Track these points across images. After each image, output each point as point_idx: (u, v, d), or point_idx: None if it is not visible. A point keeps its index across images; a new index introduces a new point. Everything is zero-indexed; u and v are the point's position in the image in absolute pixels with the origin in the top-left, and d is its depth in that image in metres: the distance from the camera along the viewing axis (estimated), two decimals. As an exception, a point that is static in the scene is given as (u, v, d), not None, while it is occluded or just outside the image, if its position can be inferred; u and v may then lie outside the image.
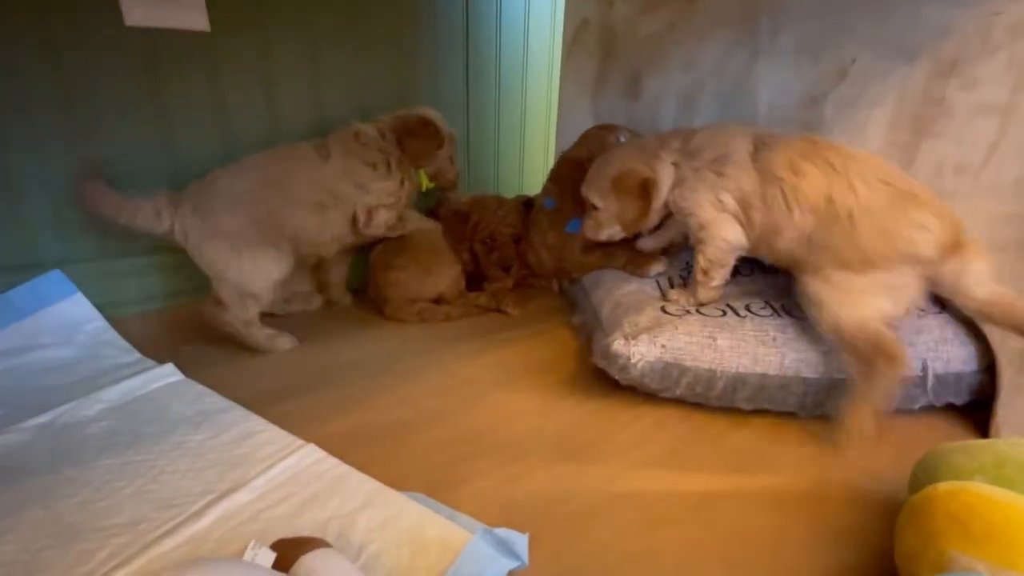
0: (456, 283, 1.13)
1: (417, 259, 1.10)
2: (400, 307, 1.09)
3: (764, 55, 0.92)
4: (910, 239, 0.68)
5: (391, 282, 1.10)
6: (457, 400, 0.81)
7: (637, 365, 0.72)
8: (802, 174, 0.72)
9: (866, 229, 0.68)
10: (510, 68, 1.46)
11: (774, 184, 0.74)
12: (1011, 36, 0.67)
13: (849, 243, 0.69)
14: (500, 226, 1.18)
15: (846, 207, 0.69)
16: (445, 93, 1.36)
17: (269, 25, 1.05)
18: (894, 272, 0.69)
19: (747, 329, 0.75)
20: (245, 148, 1.07)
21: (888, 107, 0.79)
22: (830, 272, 0.71)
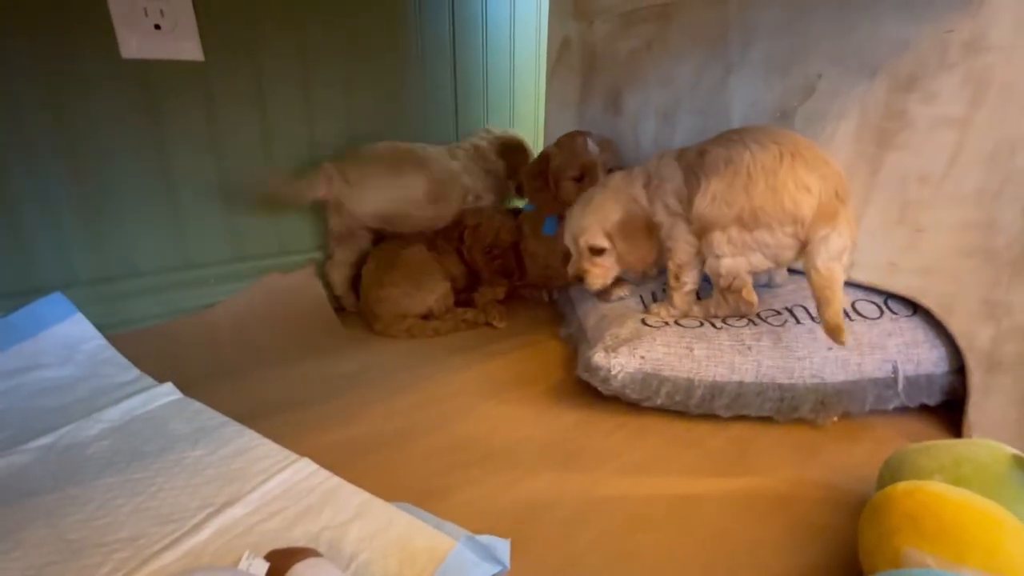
0: (444, 299, 1.16)
1: (407, 276, 1.13)
2: (390, 323, 1.11)
3: (736, 71, 0.96)
4: (794, 199, 0.73)
5: (381, 298, 1.12)
6: (447, 412, 0.84)
7: (618, 376, 0.75)
8: (708, 152, 0.81)
9: (760, 184, 0.75)
10: (497, 86, 1.50)
11: (690, 171, 0.84)
12: (965, 52, 0.71)
13: (747, 196, 0.75)
14: (501, 233, 1.21)
15: (744, 165, 0.76)
16: (435, 113, 1.39)
17: (260, 52, 1.08)
18: (776, 232, 0.75)
19: (723, 339, 0.78)
20: (239, 177, 1.11)
21: (854, 120, 0.82)
22: (732, 230, 0.78)
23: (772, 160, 0.75)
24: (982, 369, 0.76)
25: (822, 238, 0.72)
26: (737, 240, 0.78)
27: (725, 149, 0.80)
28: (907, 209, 0.79)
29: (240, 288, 1.15)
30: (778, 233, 0.75)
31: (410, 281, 1.13)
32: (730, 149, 0.79)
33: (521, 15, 1.49)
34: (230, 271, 1.14)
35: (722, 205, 0.78)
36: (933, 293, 0.79)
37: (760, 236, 0.77)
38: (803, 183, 0.73)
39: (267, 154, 1.14)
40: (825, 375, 0.77)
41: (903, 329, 0.80)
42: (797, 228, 0.74)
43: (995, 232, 0.72)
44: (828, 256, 0.72)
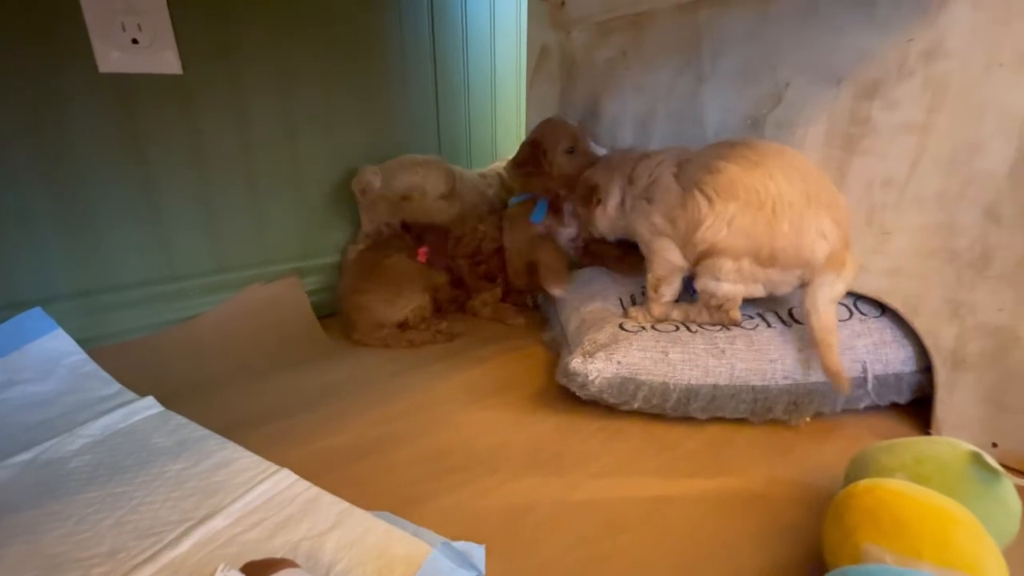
0: (421, 311, 1.16)
1: (386, 284, 1.14)
2: (367, 332, 1.11)
3: (708, 80, 0.98)
4: (812, 246, 0.73)
5: (359, 306, 1.13)
6: (430, 419, 0.85)
7: (595, 382, 0.76)
8: (718, 171, 0.78)
9: (785, 225, 0.73)
10: (478, 94, 1.52)
11: (694, 188, 0.80)
12: (924, 60, 0.73)
13: (770, 234, 0.74)
14: (483, 240, 1.23)
15: (769, 196, 0.74)
16: (417, 121, 1.41)
17: (240, 64, 1.09)
18: (785, 273, 0.76)
19: (698, 343, 0.80)
20: (221, 189, 1.12)
21: (821, 127, 0.85)
22: (744, 261, 0.77)
23: (800, 199, 0.73)
24: (947, 367, 0.78)
25: (827, 283, 0.74)
26: (747, 272, 0.77)
27: (745, 173, 0.76)
28: (874, 212, 0.82)
29: (223, 299, 1.15)
30: (788, 274, 0.76)
31: (389, 289, 1.13)
32: (752, 174, 0.75)
33: (501, 23, 1.51)
34: (213, 282, 1.15)
35: (741, 236, 0.76)
36: (899, 294, 0.81)
37: (771, 273, 0.77)
38: (821, 229, 0.73)
39: (249, 166, 1.15)
40: (797, 376, 0.79)
41: (871, 330, 0.83)
42: (806, 272, 0.75)
43: (956, 234, 0.74)
44: (829, 300, 0.74)
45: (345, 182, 1.29)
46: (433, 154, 1.37)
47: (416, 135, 1.41)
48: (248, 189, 1.16)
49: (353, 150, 1.29)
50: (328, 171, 1.26)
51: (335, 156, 1.27)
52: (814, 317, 0.75)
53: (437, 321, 1.17)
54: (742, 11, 0.90)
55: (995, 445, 0.76)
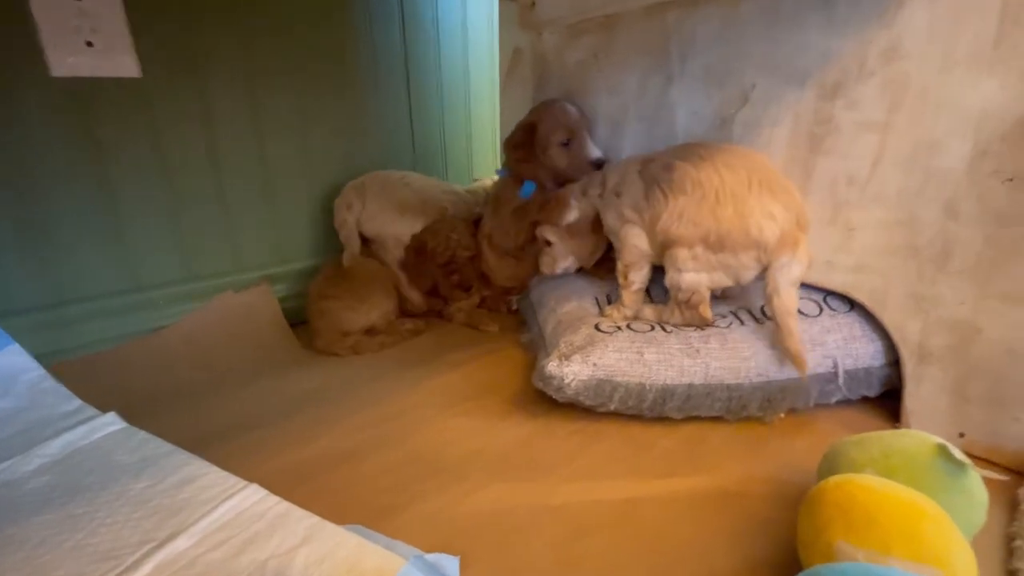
0: (388, 315, 1.15)
1: (351, 290, 1.12)
2: (332, 340, 1.08)
3: (677, 81, 0.99)
4: (759, 226, 0.76)
5: (322, 311, 1.10)
6: (404, 427, 0.83)
7: (571, 384, 0.76)
8: (675, 169, 0.83)
9: (729, 209, 0.78)
10: (452, 98, 1.51)
11: (654, 184, 0.86)
12: (883, 61, 0.75)
13: (715, 219, 0.78)
14: (457, 249, 1.21)
15: (712, 187, 0.79)
16: (390, 127, 1.39)
17: (204, 67, 1.06)
18: (739, 256, 0.79)
19: (672, 343, 0.80)
20: (188, 196, 1.09)
21: (787, 127, 0.86)
22: (697, 248, 0.81)
23: (741, 186, 0.78)
24: (914, 360, 0.80)
25: (783, 264, 0.77)
26: (701, 258, 0.81)
27: (695, 169, 0.82)
28: (839, 210, 0.83)
29: (192, 308, 1.12)
30: (742, 256, 0.79)
31: (354, 295, 1.11)
32: (700, 170, 0.81)
33: (473, 25, 1.51)
34: (181, 291, 1.11)
35: (689, 224, 0.81)
36: (866, 289, 0.83)
37: (724, 258, 0.80)
38: (768, 211, 0.77)
39: (216, 172, 1.12)
40: (770, 373, 0.80)
41: (841, 325, 0.84)
42: (760, 253, 0.78)
43: (917, 230, 0.76)
44: (788, 282, 0.77)
45: (316, 187, 1.27)
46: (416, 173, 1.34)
47: (389, 138, 1.39)
48: (216, 196, 1.13)
49: (324, 155, 1.27)
50: (299, 176, 1.24)
51: (306, 162, 1.25)
52: (775, 300, 0.77)
53: (403, 322, 1.17)
54: (710, 13, 0.91)
55: (962, 435, 0.78)
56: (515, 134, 1.12)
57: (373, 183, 1.25)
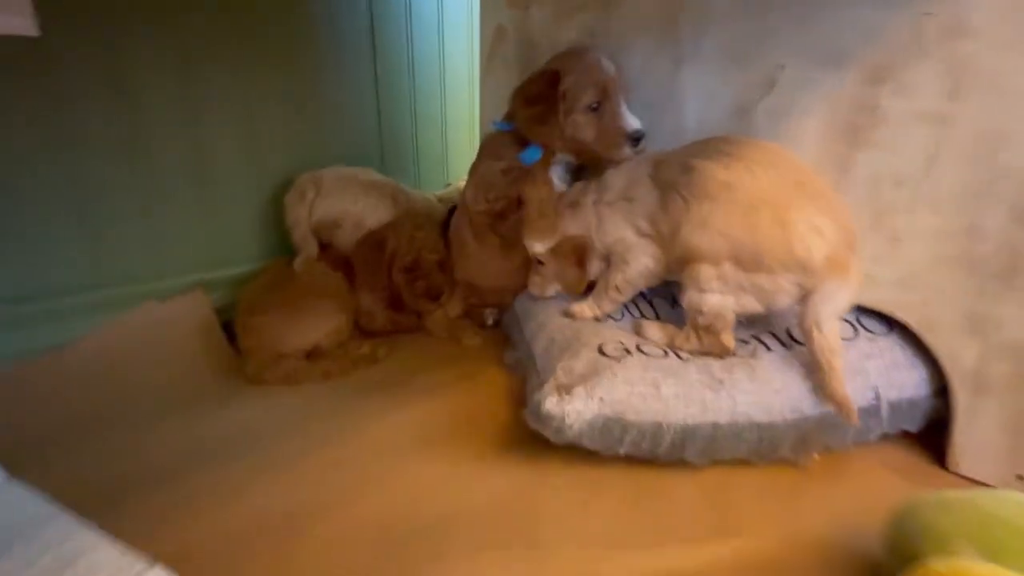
0: (337, 333, 0.94)
1: (290, 301, 0.91)
2: (263, 365, 0.87)
3: (688, 63, 0.85)
4: (805, 242, 0.63)
5: (251, 328, 0.89)
6: (362, 477, 0.67)
7: (573, 426, 0.61)
8: (695, 170, 0.70)
9: (766, 221, 0.64)
10: (425, 86, 1.35)
11: (671, 190, 0.73)
12: (944, 39, 0.63)
13: (748, 228, 0.65)
14: (423, 251, 1.02)
15: (746, 193, 0.65)
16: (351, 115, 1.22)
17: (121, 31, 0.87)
18: (776, 278, 0.65)
19: (691, 373, 0.67)
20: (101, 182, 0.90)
21: (820, 116, 0.74)
22: (725, 265, 0.67)
23: (780, 190, 0.64)
24: (968, 390, 0.69)
25: (830, 292, 0.63)
26: (730, 278, 0.67)
27: (723, 168, 0.67)
28: (882, 215, 0.71)
29: (104, 321, 0.92)
30: (780, 279, 0.65)
31: (293, 307, 0.90)
32: (728, 168, 0.67)
33: (450, 3, 1.35)
34: (91, 300, 0.91)
35: (716, 235, 0.66)
36: (912, 307, 0.71)
37: (758, 279, 0.66)
38: (815, 224, 0.63)
39: (136, 155, 0.93)
40: (804, 408, 0.67)
41: (882, 350, 0.72)
42: (803, 277, 0.64)
43: (979, 238, 0.65)
44: (833, 313, 0.64)
45: (263, 179, 1.09)
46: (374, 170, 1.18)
47: (351, 125, 1.22)
48: (137, 184, 0.94)
49: (273, 142, 1.09)
50: (242, 165, 1.06)
51: (251, 149, 1.06)
52: (817, 335, 0.64)
53: (358, 344, 0.95)
54: (730, -18, 0.78)
55: (1021, 478, 0.67)
56: (531, 84, 0.86)
57: (332, 171, 1.10)
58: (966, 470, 0.71)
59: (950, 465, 0.71)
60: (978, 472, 0.70)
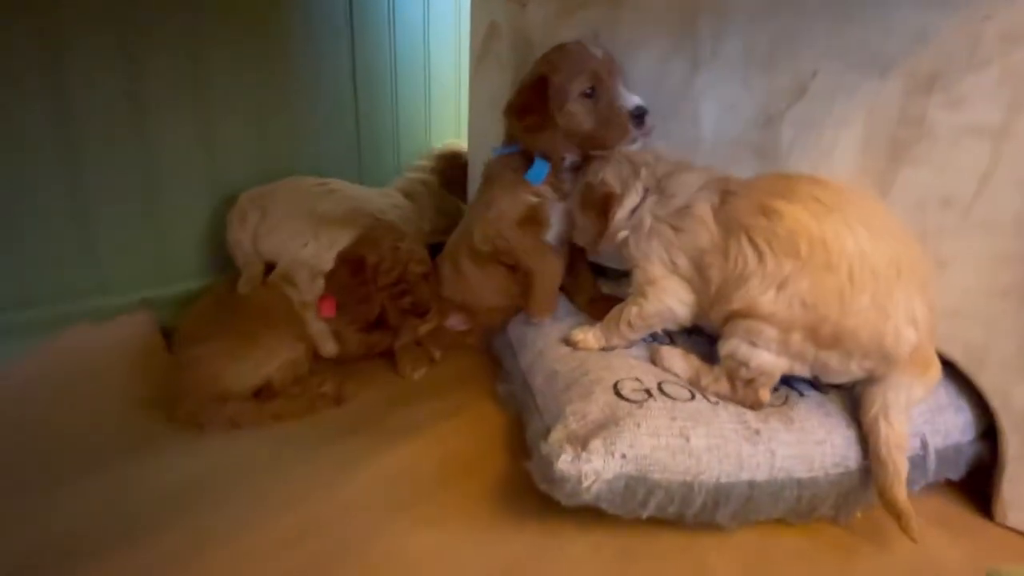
0: (293, 366, 0.80)
1: (235, 329, 0.77)
2: (200, 407, 0.72)
3: (706, 67, 0.78)
4: (898, 333, 0.54)
5: (190, 362, 0.75)
6: (331, 547, 0.55)
7: (591, 489, 0.51)
8: (777, 215, 0.58)
9: (865, 298, 0.53)
10: (408, 87, 1.24)
11: (739, 233, 0.60)
12: (1004, 45, 0.56)
13: (841, 306, 0.54)
14: (409, 263, 0.90)
15: (844, 256, 0.54)
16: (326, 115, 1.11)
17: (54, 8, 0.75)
18: (850, 362, 0.56)
19: (724, 421, 0.57)
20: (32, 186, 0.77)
21: (858, 128, 0.66)
22: (795, 335, 0.56)
23: (888, 267, 0.54)
24: (1021, 435, 0.61)
25: (905, 383, 0.56)
26: (795, 348, 0.57)
27: (816, 219, 0.55)
28: (926, 238, 0.64)
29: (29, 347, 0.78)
30: (854, 364, 0.56)
31: (240, 337, 0.76)
32: (823, 223, 0.55)
33: (436, 1, 1.25)
34: (13, 322, 0.78)
35: (796, 303, 0.56)
36: (960, 341, 0.64)
37: (828, 356, 0.57)
38: (912, 313, 0.54)
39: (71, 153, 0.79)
40: (849, 462, 0.58)
41: (925, 390, 0.64)
42: (881, 366, 0.56)
43: (1039, 268, 0.58)
44: (905, 406, 0.56)
45: (220, 185, 0.96)
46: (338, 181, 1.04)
47: (326, 133, 1.11)
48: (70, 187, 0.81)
49: (233, 144, 0.97)
50: (194, 169, 0.94)
51: (206, 152, 0.94)
52: (884, 427, 0.56)
53: (318, 380, 0.81)
54: (756, -22, 0.71)
55: (1076, 535, 0.60)
56: (519, 95, 0.83)
57: (280, 190, 0.95)
58: (1015, 522, 0.64)
59: (997, 516, 0.64)
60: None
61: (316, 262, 0.89)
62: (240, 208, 0.92)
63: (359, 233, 0.91)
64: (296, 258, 0.89)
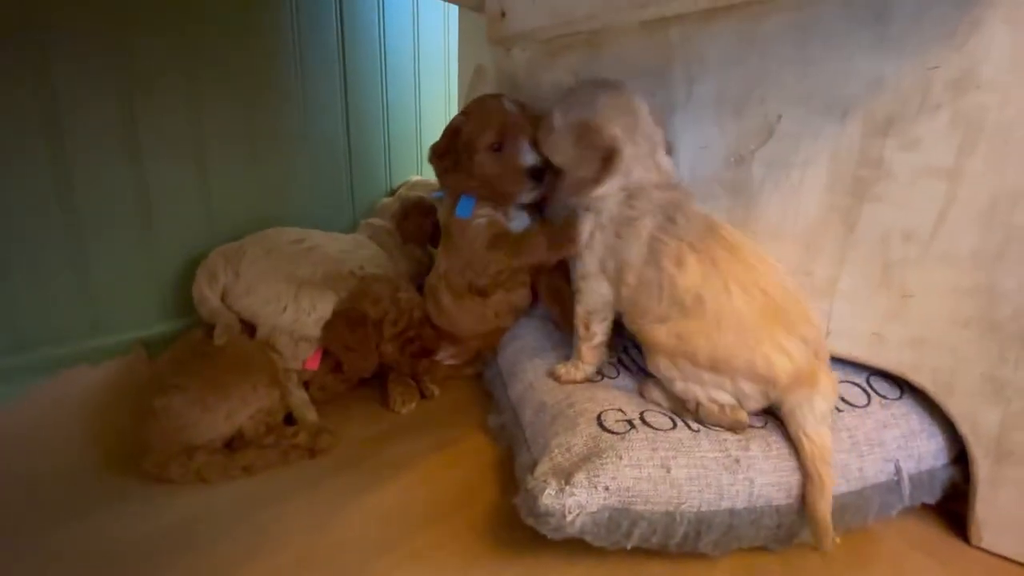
0: (265, 416, 0.77)
1: (208, 378, 0.74)
2: (166, 458, 0.70)
3: (681, 109, 0.82)
4: (768, 360, 0.62)
5: (156, 413, 0.71)
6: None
7: (575, 522, 0.53)
8: (683, 267, 0.66)
9: (729, 336, 0.63)
10: (399, 118, 1.29)
11: (656, 270, 0.69)
12: (952, 92, 0.61)
13: (710, 344, 0.63)
14: (412, 311, 0.92)
15: (715, 310, 0.64)
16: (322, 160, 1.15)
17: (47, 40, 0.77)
18: (739, 383, 0.64)
19: (705, 450, 0.59)
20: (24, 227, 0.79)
21: (823, 167, 0.70)
22: (680, 360, 0.65)
23: (751, 313, 0.63)
24: (990, 459, 0.64)
25: (804, 399, 0.61)
26: (689, 373, 0.65)
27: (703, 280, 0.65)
28: (891, 270, 0.67)
29: (21, 392, 0.79)
30: (742, 384, 0.63)
31: (210, 385, 0.74)
32: (707, 282, 0.64)
33: (426, 39, 1.31)
34: (5, 367, 0.79)
35: (672, 336, 0.66)
36: (927, 368, 0.66)
37: (717, 379, 0.64)
38: (782, 345, 0.62)
39: (63, 191, 0.82)
40: (827, 486, 0.60)
41: (896, 417, 0.67)
42: (768, 388, 0.63)
43: (997, 300, 0.61)
44: (816, 421, 0.61)
45: (218, 224, 0.99)
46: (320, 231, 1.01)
47: (318, 171, 1.14)
48: (64, 224, 0.83)
49: (231, 186, 1.00)
50: (192, 207, 0.96)
51: (203, 191, 0.97)
52: (807, 443, 0.60)
53: (293, 430, 0.79)
54: (725, 29, 0.75)
55: (1050, 556, 0.62)
56: (439, 140, 0.91)
57: (254, 248, 0.92)
58: (989, 544, 0.66)
59: (972, 539, 0.66)
60: (1002, 547, 0.65)
61: (296, 327, 0.87)
62: (210, 266, 0.88)
63: (351, 290, 0.91)
64: (276, 324, 0.87)
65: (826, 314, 0.72)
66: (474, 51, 1.09)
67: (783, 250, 0.75)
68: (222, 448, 0.74)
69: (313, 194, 1.13)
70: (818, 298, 0.72)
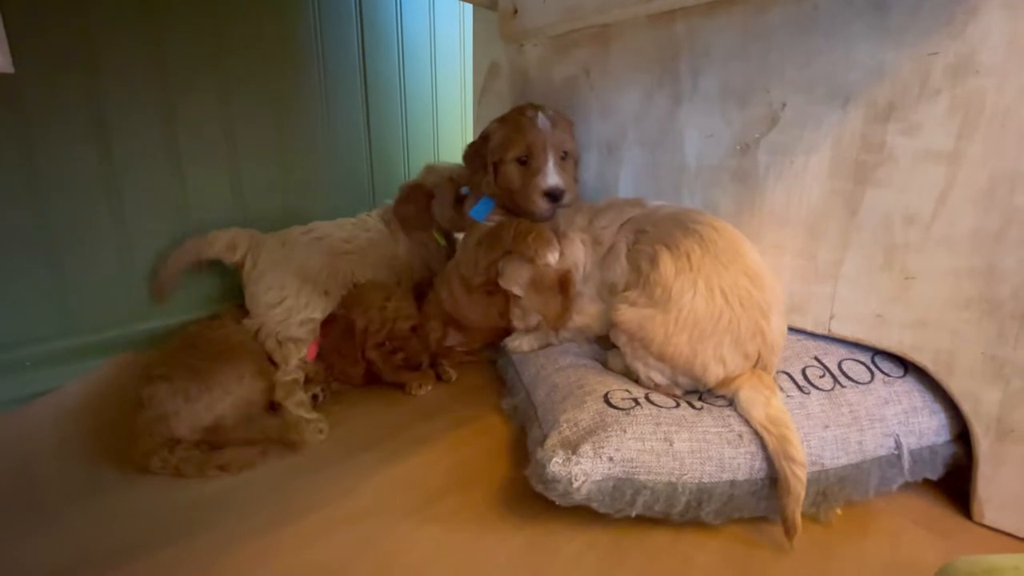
0: (247, 406, 0.77)
1: (192, 368, 0.75)
2: (150, 450, 0.70)
3: (687, 100, 0.84)
4: (704, 366, 0.68)
5: (141, 401, 0.73)
6: (348, 543, 0.61)
7: (581, 488, 0.57)
8: (656, 263, 0.72)
9: (683, 336, 0.68)
10: (417, 120, 1.33)
11: (637, 272, 0.76)
12: (951, 77, 0.62)
13: (663, 337, 0.69)
14: (396, 321, 0.94)
15: (679, 306, 0.69)
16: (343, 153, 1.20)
17: (97, 66, 0.84)
18: (678, 377, 0.71)
19: (707, 425, 0.62)
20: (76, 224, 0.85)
21: (826, 153, 0.72)
22: (636, 344, 0.72)
23: (707, 317, 0.68)
24: (991, 436, 0.65)
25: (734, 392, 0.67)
26: (639, 354, 0.72)
27: (674, 275, 0.70)
28: (893, 253, 0.69)
29: (73, 374, 0.86)
30: (678, 376, 0.71)
31: (197, 376, 0.74)
32: (677, 279, 0.70)
33: (443, 37, 1.35)
34: (57, 350, 0.86)
35: (635, 323, 0.72)
36: (929, 349, 0.68)
37: (659, 366, 0.71)
38: (720, 355, 0.68)
39: (110, 194, 0.88)
40: (825, 460, 0.63)
41: (899, 394, 0.69)
42: (698, 384, 0.71)
43: (997, 280, 0.62)
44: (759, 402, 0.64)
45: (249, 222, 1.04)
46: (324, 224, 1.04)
47: (341, 168, 1.19)
48: (112, 224, 0.89)
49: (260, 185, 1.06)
50: (225, 207, 1.02)
51: (236, 191, 1.03)
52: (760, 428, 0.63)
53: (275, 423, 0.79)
54: (729, 22, 0.78)
55: (1051, 531, 0.63)
56: (475, 141, 0.95)
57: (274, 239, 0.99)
58: (991, 520, 0.67)
59: (975, 515, 0.68)
60: (1004, 523, 0.66)
61: (281, 328, 0.89)
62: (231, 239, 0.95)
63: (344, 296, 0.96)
64: (264, 322, 0.90)
65: (830, 297, 0.75)
66: (488, 47, 1.13)
67: (788, 235, 0.77)
68: (202, 443, 0.74)
69: (336, 185, 1.18)
70: (822, 281, 0.75)
